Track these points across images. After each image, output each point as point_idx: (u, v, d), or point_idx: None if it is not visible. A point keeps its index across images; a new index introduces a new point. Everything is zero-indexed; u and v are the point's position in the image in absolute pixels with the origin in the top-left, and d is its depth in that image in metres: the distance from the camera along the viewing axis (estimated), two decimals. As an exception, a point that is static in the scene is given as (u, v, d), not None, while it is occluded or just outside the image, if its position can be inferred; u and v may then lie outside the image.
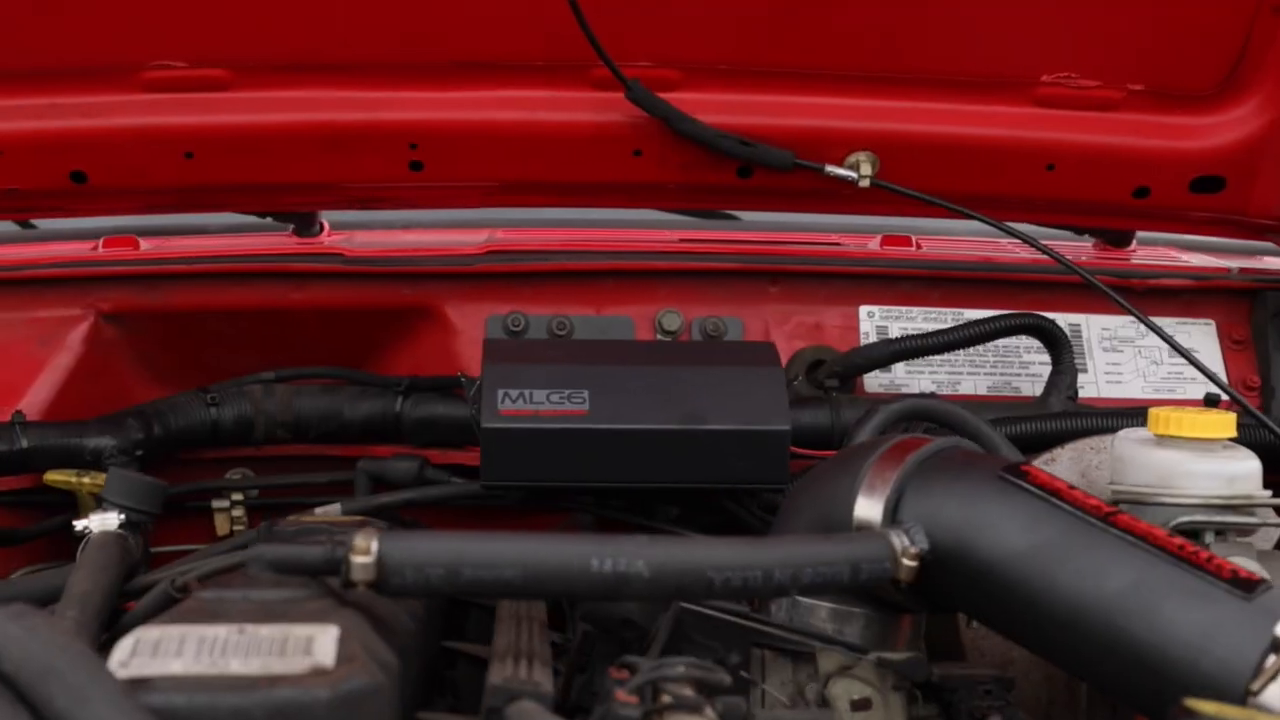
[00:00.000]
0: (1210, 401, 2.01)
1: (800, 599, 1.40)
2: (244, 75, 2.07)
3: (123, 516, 1.58)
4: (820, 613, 1.40)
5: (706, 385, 1.78)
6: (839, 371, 2.07)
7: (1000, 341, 2.13)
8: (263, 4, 1.99)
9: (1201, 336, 2.19)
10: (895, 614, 1.41)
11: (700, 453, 1.69)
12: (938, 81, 2.06)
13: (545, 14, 1.97)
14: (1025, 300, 2.17)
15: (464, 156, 2.13)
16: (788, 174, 2.10)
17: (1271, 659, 1.06)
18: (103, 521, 1.60)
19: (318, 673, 1.01)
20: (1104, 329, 2.16)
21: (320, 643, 1.04)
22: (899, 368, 2.14)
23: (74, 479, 2.01)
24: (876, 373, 2.13)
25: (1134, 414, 1.96)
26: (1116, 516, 1.29)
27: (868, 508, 1.37)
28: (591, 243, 2.28)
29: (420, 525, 2.04)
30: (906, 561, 1.29)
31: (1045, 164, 2.09)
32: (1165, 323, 2.20)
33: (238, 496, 2.19)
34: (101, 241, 2.31)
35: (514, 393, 1.78)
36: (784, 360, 2.14)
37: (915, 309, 2.18)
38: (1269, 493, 1.53)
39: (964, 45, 2.04)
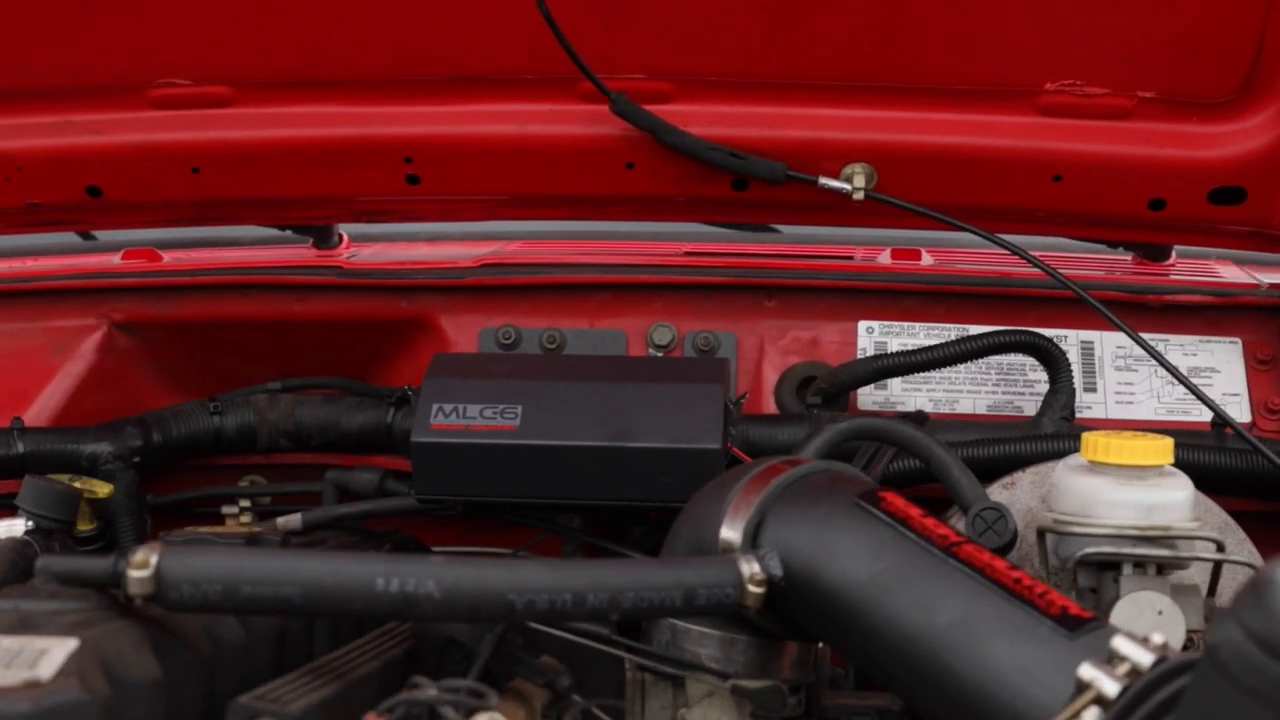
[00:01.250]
0: (1218, 425, 1.89)
1: (676, 623, 1.34)
2: (246, 92, 2.07)
3: (30, 523, 1.59)
4: (696, 636, 1.34)
5: (642, 402, 1.70)
6: (824, 388, 2.00)
7: (1003, 359, 2.02)
8: (262, 22, 1.99)
9: (1225, 355, 2.04)
10: (778, 641, 1.35)
11: (629, 470, 1.63)
12: (937, 91, 1.95)
13: (536, 28, 1.92)
14: (1034, 316, 2.04)
15: (459, 170, 2.09)
16: (783, 186, 2.04)
17: (1080, 700, 0.98)
18: (9, 528, 1.62)
19: (29, 686, 0.98)
20: (1118, 347, 2.03)
21: (50, 656, 1.01)
22: (895, 385, 2.05)
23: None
24: (871, 390, 2.04)
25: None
26: (960, 547, 1.20)
27: (731, 532, 1.31)
28: (586, 256, 2.23)
29: (413, 540, 2.03)
30: (752, 588, 1.22)
31: (1051, 175, 1.97)
32: (1188, 340, 2.08)
33: (245, 503, 2.21)
34: (121, 253, 2.36)
35: (448, 407, 1.73)
36: (775, 376, 2.08)
37: (917, 324, 2.07)
38: (1194, 524, 1.42)
39: (964, 53, 1.93)
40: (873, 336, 2.05)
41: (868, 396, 2.02)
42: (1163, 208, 1.96)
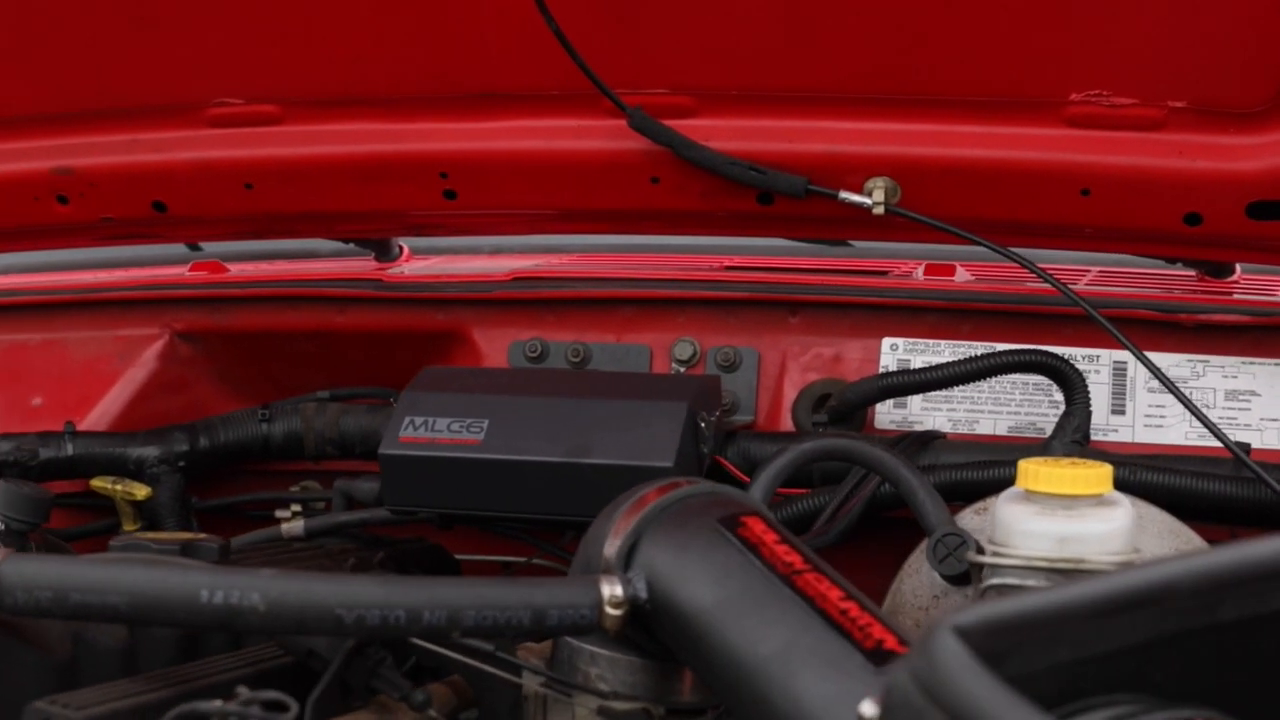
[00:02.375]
0: (1244, 449, 1.79)
1: (572, 641, 1.33)
2: (293, 110, 2.12)
3: (0, 525, 1.66)
4: (587, 656, 1.32)
5: (605, 418, 1.66)
6: (835, 407, 1.95)
7: (1028, 379, 1.94)
8: (305, 42, 2.04)
9: (1268, 378, 1.90)
10: (675, 663, 1.32)
11: (585, 486, 1.61)
12: (959, 103, 1.88)
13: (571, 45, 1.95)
14: (1067, 334, 1.93)
15: (492, 185, 2.10)
16: (806, 201, 2.00)
17: None
18: None
19: None
20: None
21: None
22: (915, 404, 1.98)
23: (109, 485, 2.13)
24: (890, 409, 1.98)
25: (1130, 463, 1.77)
26: (801, 575, 1.16)
27: (610, 551, 1.29)
28: (614, 270, 2.22)
29: (435, 549, 2.05)
30: (610, 610, 1.19)
31: (1079, 189, 1.88)
32: (1229, 362, 1.96)
33: (297, 507, 2.27)
34: (189, 265, 2.45)
35: (419, 420, 1.71)
36: (795, 393, 2.04)
37: (942, 342, 1.99)
38: (1116, 557, 1.34)
39: (986, 63, 1.85)
40: (896, 354, 1.99)
41: (885, 415, 1.96)
42: (1199, 223, 1.85)
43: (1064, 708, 0.96)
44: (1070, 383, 1.81)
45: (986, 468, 1.74)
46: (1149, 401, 1.89)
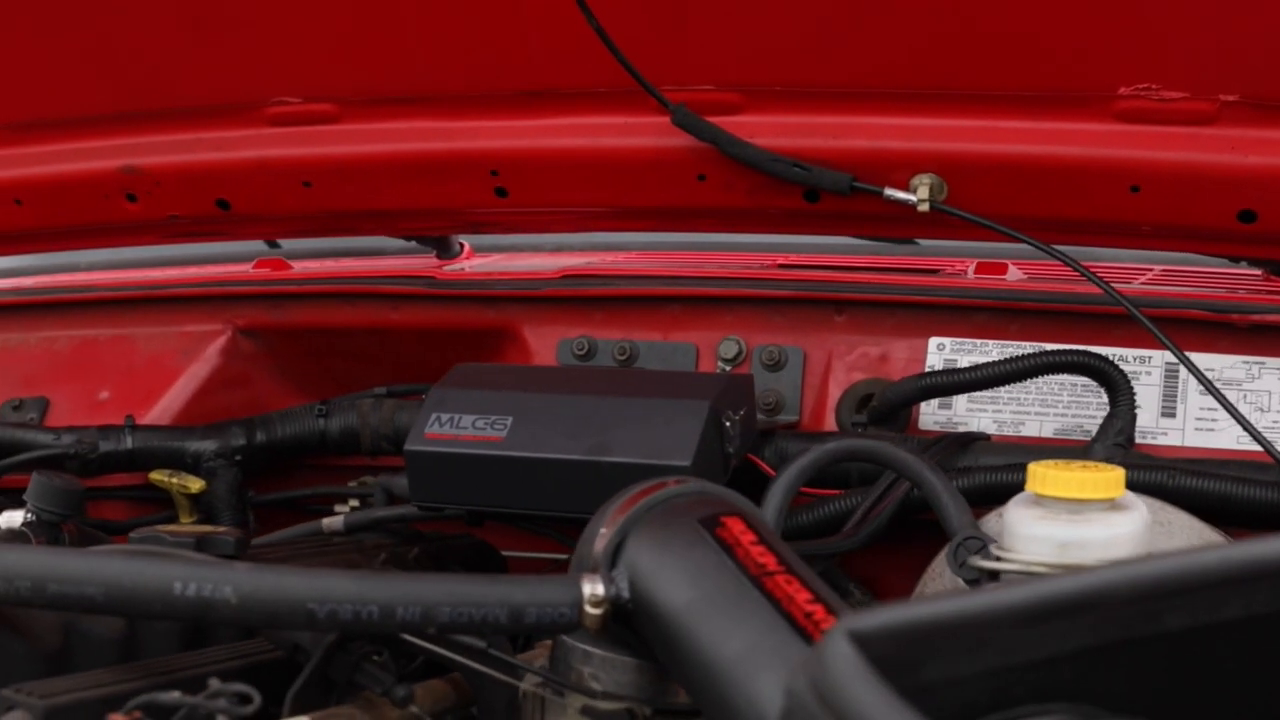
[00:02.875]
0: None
1: (566, 639, 1.33)
2: (349, 109, 2.16)
3: (30, 516, 1.71)
4: (580, 655, 1.32)
5: (627, 416, 1.66)
6: (876, 407, 1.93)
7: (1076, 380, 1.90)
8: (359, 41, 2.08)
9: None
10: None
11: (604, 484, 1.61)
12: (1006, 98, 1.86)
13: (614, 42, 1.96)
14: (1116, 335, 1.89)
15: (541, 182, 2.11)
16: (853, 198, 1.99)
17: None
18: (8, 519, 1.74)
19: None
20: (1207, 369, 1.86)
21: None
22: (960, 405, 1.96)
23: (166, 478, 2.19)
24: (935, 409, 1.96)
25: (1168, 468, 1.73)
26: (772, 577, 1.15)
27: (599, 549, 1.30)
28: (662, 268, 2.22)
29: (479, 545, 2.08)
30: (590, 609, 1.20)
31: (1129, 185, 1.84)
32: (1290, 365, 1.91)
33: (355, 502, 2.31)
34: (254, 263, 2.50)
35: (445, 417, 1.73)
36: (839, 393, 2.03)
37: (990, 342, 1.96)
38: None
39: (1032, 56, 1.82)
40: (943, 353, 1.97)
41: (929, 416, 1.94)
42: (1253, 220, 1.81)
43: (993, 716, 0.95)
44: (1114, 384, 1.78)
45: (1020, 470, 1.70)
46: (1201, 404, 1.85)
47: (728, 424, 1.70)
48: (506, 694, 1.35)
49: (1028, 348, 1.92)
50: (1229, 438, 1.84)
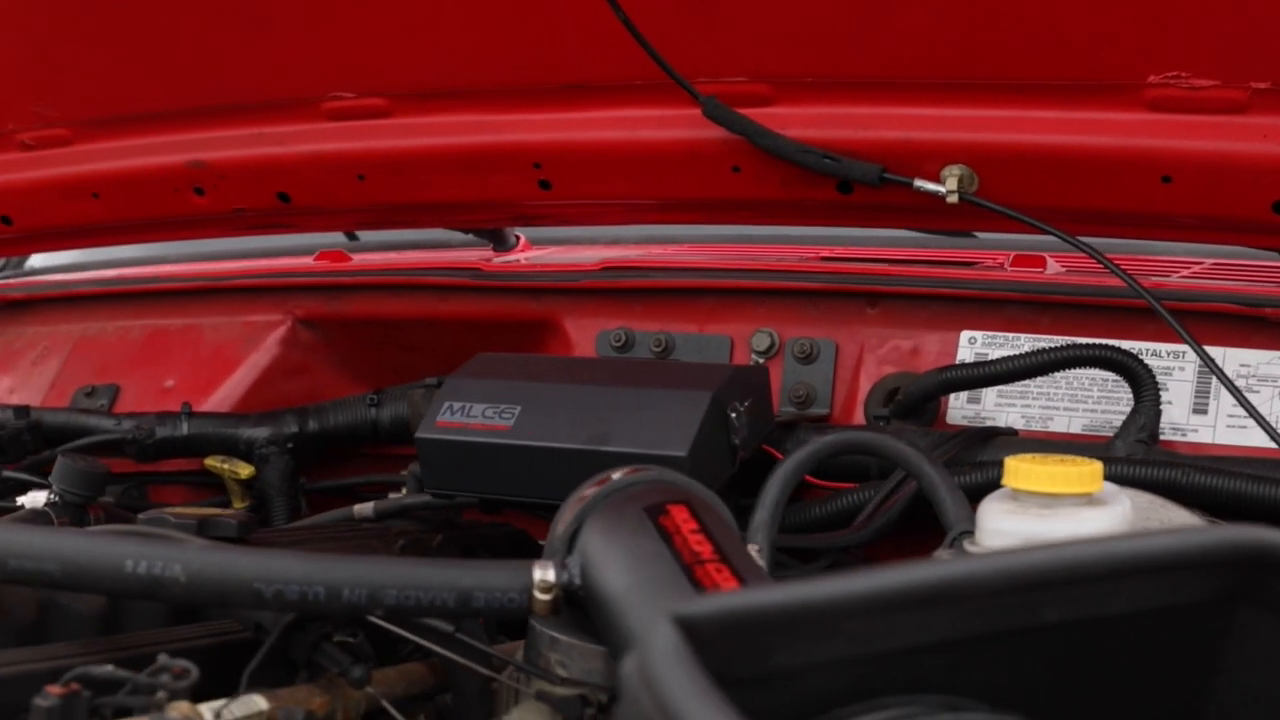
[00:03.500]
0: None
1: (536, 625, 1.36)
2: (400, 103, 2.22)
3: (54, 497, 1.78)
4: (547, 641, 1.34)
5: (630, 406, 1.68)
6: (900, 401, 1.92)
7: (1106, 376, 1.87)
8: (408, 36, 2.13)
9: None
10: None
11: None
12: (1034, 86, 1.85)
13: (646, 35, 1.99)
14: (1149, 330, 1.85)
15: (582, 175, 2.14)
16: (884, 190, 1.98)
17: None
18: (32, 500, 1.82)
19: None
20: (1242, 364, 1.83)
21: None
22: (989, 400, 1.94)
23: (218, 464, 2.27)
24: (963, 404, 1.95)
25: (1181, 465, 1.70)
26: (703, 566, 1.16)
27: (558, 535, 1.32)
28: (699, 260, 2.23)
29: (517, 535, 2.11)
30: (539, 595, 1.22)
31: (1160, 175, 1.82)
32: (1330, 362, 1.86)
33: (406, 490, 2.35)
34: (315, 255, 2.57)
35: (457, 405, 1.77)
36: (869, 386, 2.02)
37: (1022, 335, 1.94)
38: None
39: (1059, 44, 1.81)
40: (975, 347, 1.96)
41: (957, 411, 1.93)
42: (1289, 211, 1.78)
43: (850, 706, 0.95)
44: (1138, 379, 1.76)
45: (1034, 465, 1.69)
46: (1234, 401, 1.81)
47: (733, 415, 1.71)
48: (479, 680, 1.38)
49: (1060, 342, 1.89)
50: (1262, 435, 1.79)
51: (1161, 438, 1.81)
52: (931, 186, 1.90)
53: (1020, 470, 1.33)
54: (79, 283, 2.67)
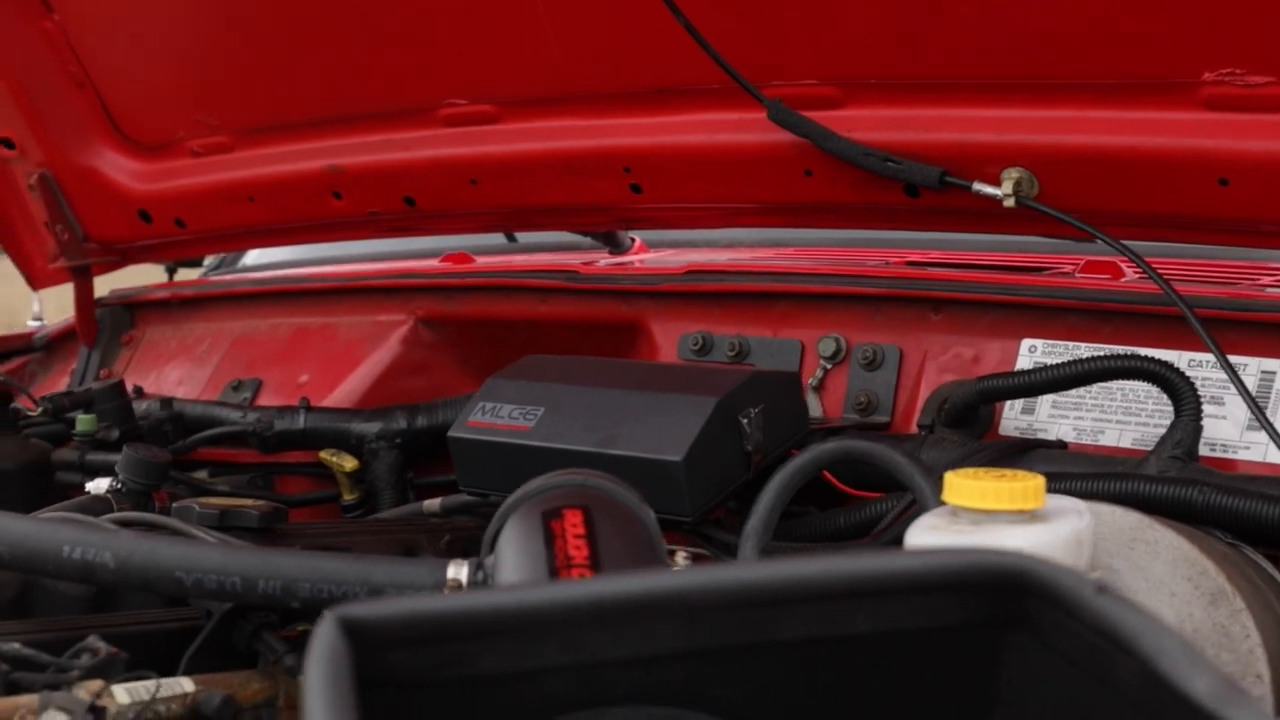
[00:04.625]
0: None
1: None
2: (507, 109, 2.31)
3: (118, 485, 1.91)
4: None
5: (641, 409, 1.72)
6: (947, 410, 1.88)
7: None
8: (512, 44, 2.22)
9: None
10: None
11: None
12: (1092, 86, 1.80)
13: (720, 38, 2.02)
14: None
15: (668, 179, 2.18)
16: (946, 193, 1.96)
17: None
18: (95, 487, 1.95)
19: None
20: None
21: None
22: (1043, 410, 1.88)
23: (329, 457, 2.39)
24: (1017, 415, 1.89)
25: (1200, 484, 1.62)
26: (568, 570, 1.19)
27: (486, 535, 1.37)
28: (773, 264, 2.22)
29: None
30: (449, 593, 1.28)
31: (1216, 178, 1.75)
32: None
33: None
34: (440, 257, 2.67)
35: (489, 406, 1.83)
36: (929, 394, 1.99)
37: (1082, 344, 1.89)
38: None
39: (1112, 42, 1.77)
40: (1034, 356, 1.91)
41: (1010, 421, 1.89)
42: (1352, 214, 1.69)
43: (574, 714, 0.98)
44: (1177, 392, 1.70)
45: (1056, 480, 1.65)
46: (1295, 417, 1.73)
47: (744, 421, 1.73)
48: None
49: (1120, 352, 1.84)
50: (1320, 454, 1.71)
51: (1211, 455, 1.74)
52: (989, 190, 1.88)
53: (954, 485, 1.32)
54: (240, 282, 2.86)
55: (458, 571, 1.32)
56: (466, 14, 2.22)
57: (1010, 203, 1.86)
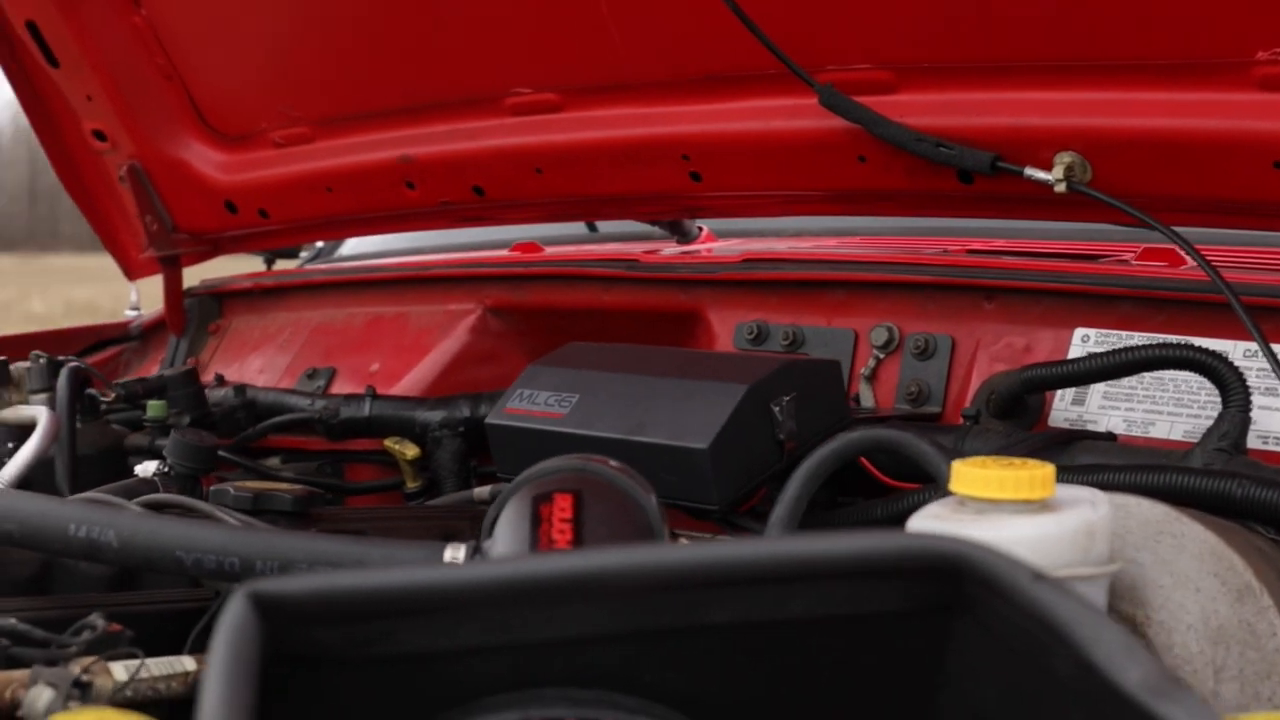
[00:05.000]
0: None
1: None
2: (570, 98, 2.31)
3: (165, 468, 1.94)
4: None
5: (672, 396, 1.71)
6: (993, 400, 1.84)
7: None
8: (572, 33, 2.22)
9: None
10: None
11: (639, 465, 1.68)
12: (1143, 67, 1.75)
13: (776, 24, 2.00)
14: (1267, 330, 1.74)
15: (725, 166, 2.17)
16: (999, 178, 1.92)
17: None
18: (144, 469, 1.98)
19: None
20: None
21: None
22: (1094, 401, 1.83)
23: (392, 445, 2.41)
24: (1067, 406, 1.84)
25: (1239, 477, 1.56)
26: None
27: (488, 519, 1.37)
28: (828, 253, 2.19)
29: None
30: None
31: (1271, 160, 1.69)
32: None
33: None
34: (511, 246, 2.68)
35: (527, 392, 1.84)
36: (980, 383, 1.95)
37: (1135, 334, 1.84)
38: None
39: (1162, 20, 1.72)
40: (1087, 345, 1.86)
41: (1060, 413, 1.84)
42: None
43: (499, 696, 0.97)
44: (1224, 382, 1.65)
45: (1093, 471, 1.62)
46: (1356, 410, 1.67)
47: (776, 409, 1.71)
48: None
49: (1166, 340, 1.79)
50: (1376, 448, 1.65)
51: (1264, 448, 1.68)
52: (1041, 175, 1.85)
53: (960, 473, 1.29)
54: (318, 272, 2.91)
55: (455, 553, 1.33)
56: (530, 2, 2.23)
57: (1061, 188, 1.82)
